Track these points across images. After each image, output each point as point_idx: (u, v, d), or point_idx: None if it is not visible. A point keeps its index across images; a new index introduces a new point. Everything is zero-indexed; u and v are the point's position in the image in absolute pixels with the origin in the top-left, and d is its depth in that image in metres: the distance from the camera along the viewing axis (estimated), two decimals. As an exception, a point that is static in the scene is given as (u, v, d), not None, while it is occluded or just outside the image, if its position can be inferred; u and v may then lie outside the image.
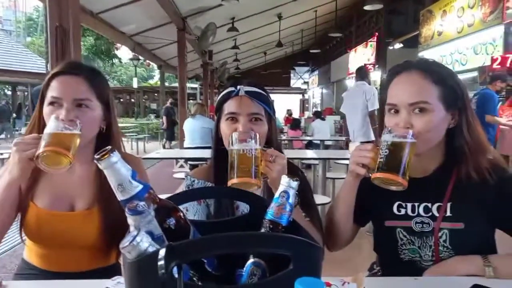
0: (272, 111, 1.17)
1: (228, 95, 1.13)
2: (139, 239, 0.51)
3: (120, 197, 0.60)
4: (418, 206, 1.07)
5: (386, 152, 0.91)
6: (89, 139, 1.13)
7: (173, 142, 11.17)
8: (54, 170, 0.94)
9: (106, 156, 0.58)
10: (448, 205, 1.04)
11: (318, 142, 7.69)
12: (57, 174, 1.00)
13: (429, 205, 1.06)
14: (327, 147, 7.95)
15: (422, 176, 1.08)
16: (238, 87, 1.12)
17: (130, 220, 0.57)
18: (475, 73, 6.31)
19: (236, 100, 1.11)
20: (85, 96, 1.08)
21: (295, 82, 22.09)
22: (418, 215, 1.07)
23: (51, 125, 0.96)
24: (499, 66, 5.44)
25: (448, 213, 1.04)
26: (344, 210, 1.09)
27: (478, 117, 1.08)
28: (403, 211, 1.09)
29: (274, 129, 1.18)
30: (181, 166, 7.04)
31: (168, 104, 12.49)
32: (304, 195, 1.08)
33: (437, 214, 1.05)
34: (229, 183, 0.91)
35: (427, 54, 7.56)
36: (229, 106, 1.12)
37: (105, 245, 1.13)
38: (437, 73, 1.00)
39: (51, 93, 1.07)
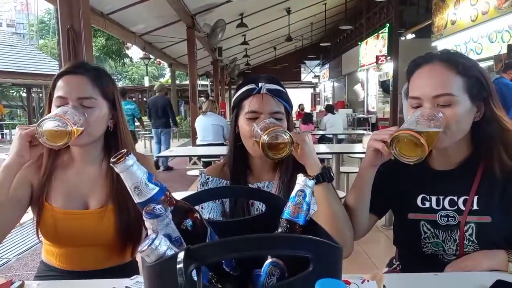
0: (290, 108, 1.17)
1: (249, 93, 1.12)
2: (158, 243, 0.50)
3: (136, 199, 0.60)
4: (443, 199, 1.05)
5: (411, 119, 0.89)
6: (96, 137, 1.14)
7: (185, 140, 11.07)
8: (51, 145, 0.97)
9: (122, 159, 0.58)
10: (475, 198, 1.02)
11: (331, 136, 7.64)
12: (56, 148, 1.00)
13: (455, 198, 1.04)
14: (340, 141, 7.89)
15: (447, 169, 1.06)
16: (260, 84, 1.11)
17: (148, 223, 0.57)
18: (490, 62, 6.16)
19: (257, 98, 1.10)
20: (90, 94, 1.10)
21: (305, 76, 21.96)
22: (443, 208, 1.05)
23: (57, 110, 1.02)
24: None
25: (475, 207, 1.01)
26: (360, 197, 1.06)
27: None
28: (427, 204, 1.06)
29: (292, 124, 1.18)
30: (194, 163, 7.09)
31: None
32: None
33: (463, 208, 1.02)
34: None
35: (440, 44, 7.42)
36: (250, 104, 1.11)
37: (120, 242, 1.15)
38: (461, 64, 0.97)
39: (57, 93, 1.09)
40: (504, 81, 4.45)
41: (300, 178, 0.69)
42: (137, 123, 7.77)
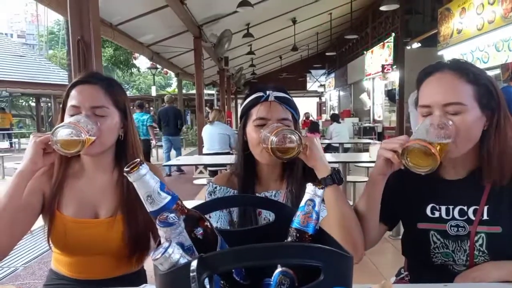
0: (298, 116, 1.18)
1: (257, 100, 1.14)
2: (171, 251, 0.51)
3: (149, 208, 0.61)
4: (453, 209, 1.04)
5: (422, 128, 0.89)
6: (108, 147, 1.16)
7: (191, 149, 11.11)
8: (65, 152, 0.99)
9: (135, 169, 0.60)
10: (485, 208, 1.01)
11: (337, 145, 7.62)
12: (69, 155, 1.02)
13: (465, 208, 1.03)
14: (346, 150, 7.86)
15: (457, 179, 1.05)
16: (268, 92, 1.13)
17: (161, 232, 0.58)
18: (497, 71, 6.13)
19: (265, 106, 1.12)
20: (102, 103, 1.11)
21: (311, 85, 21.98)
22: (453, 218, 1.04)
23: (71, 118, 1.04)
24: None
25: (485, 217, 1.01)
26: (370, 206, 1.05)
27: None
28: (437, 214, 1.06)
29: (299, 131, 1.19)
30: (201, 172, 7.11)
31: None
32: None
33: (473, 218, 1.01)
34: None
35: (446, 53, 7.40)
36: (258, 111, 1.12)
37: (130, 252, 1.15)
38: (471, 72, 0.97)
39: (70, 102, 1.11)
40: (510, 89, 4.42)
41: (310, 187, 0.69)
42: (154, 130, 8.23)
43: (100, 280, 1.14)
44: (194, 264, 0.47)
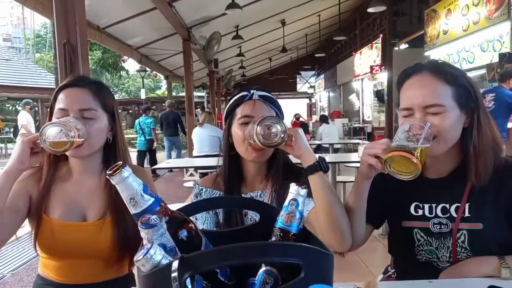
0: (281, 115, 1.20)
1: (241, 99, 1.16)
2: (153, 252, 0.52)
3: (132, 210, 0.61)
4: (436, 207, 1.06)
5: (401, 136, 0.90)
6: (96, 149, 1.15)
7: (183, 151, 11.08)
8: (53, 150, 0.99)
9: (118, 171, 0.60)
10: (467, 205, 1.03)
11: (327, 145, 7.66)
12: (57, 153, 1.02)
13: (447, 206, 1.05)
14: (336, 150, 7.91)
15: (439, 177, 1.07)
16: (252, 91, 1.16)
17: (143, 233, 0.59)
18: (483, 71, 6.24)
19: (249, 104, 1.14)
20: (90, 106, 1.11)
21: (301, 87, 22.08)
22: (436, 216, 1.06)
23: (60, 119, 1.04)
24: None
25: (467, 214, 1.03)
26: (356, 207, 1.06)
27: (498, 117, 1.06)
28: (420, 212, 1.08)
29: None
30: (191, 174, 7.09)
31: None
32: None
33: (455, 215, 1.04)
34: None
35: (433, 53, 7.51)
36: (243, 110, 1.14)
37: (118, 255, 1.14)
38: (449, 73, 0.99)
39: (58, 105, 1.11)
40: (506, 92, 4.38)
41: (293, 187, 0.70)
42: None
43: (88, 284, 1.14)
44: (175, 264, 0.47)
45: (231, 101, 1.20)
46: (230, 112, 1.19)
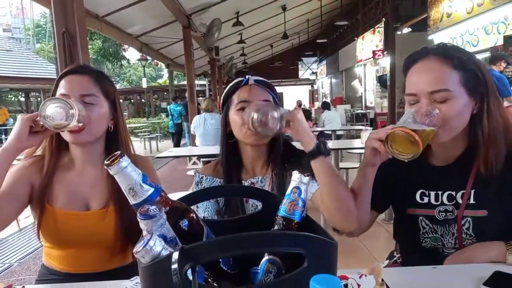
0: (278, 99, 1.20)
1: (237, 85, 1.17)
2: (152, 243, 0.51)
3: (132, 201, 0.61)
4: (442, 195, 1.05)
5: (406, 117, 0.89)
6: (97, 136, 1.15)
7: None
8: (55, 128, 0.99)
9: (115, 161, 0.59)
10: (472, 192, 1.01)
11: (330, 132, 7.64)
12: (57, 130, 1.03)
13: (453, 193, 1.04)
14: (338, 137, 7.88)
15: (445, 164, 1.06)
16: (247, 76, 1.17)
17: (142, 224, 0.58)
18: (487, 54, 6.16)
19: (245, 89, 1.15)
20: (91, 91, 1.12)
21: (303, 73, 21.93)
22: (442, 203, 1.05)
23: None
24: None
25: (472, 201, 1.01)
26: (361, 195, 1.05)
27: None
28: (426, 200, 1.07)
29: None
30: (194, 163, 7.09)
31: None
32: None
33: (461, 202, 1.02)
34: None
35: (436, 37, 7.40)
36: (239, 95, 1.15)
37: (122, 244, 1.15)
38: (456, 58, 0.96)
39: (60, 91, 1.11)
40: (495, 73, 4.42)
41: (295, 175, 0.69)
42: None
43: (92, 273, 1.14)
44: (175, 255, 0.46)
45: (227, 88, 1.21)
46: (226, 99, 1.20)
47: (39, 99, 18.32)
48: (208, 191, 0.90)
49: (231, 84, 1.20)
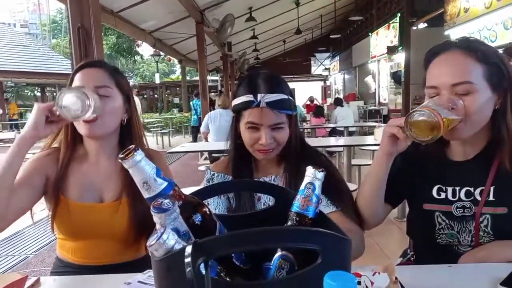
0: (294, 110, 1.12)
1: (247, 105, 1.06)
2: (166, 237, 0.51)
3: (145, 195, 0.61)
4: (460, 191, 1.03)
5: (427, 102, 0.87)
6: (111, 129, 1.16)
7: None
8: (72, 118, 1.01)
9: (130, 155, 0.59)
10: (491, 189, 0.99)
11: (342, 129, 7.58)
12: (72, 120, 1.05)
13: (472, 189, 1.01)
14: (351, 133, 7.82)
15: (464, 160, 1.04)
16: (258, 97, 1.04)
17: (156, 218, 0.58)
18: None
19: (256, 111, 1.05)
20: (106, 83, 1.13)
21: (316, 69, 21.76)
22: (459, 199, 1.03)
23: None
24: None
25: (491, 198, 0.99)
26: (376, 185, 1.03)
27: None
28: (443, 195, 1.05)
29: (295, 124, 1.13)
30: (206, 158, 7.12)
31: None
32: (330, 179, 0.99)
33: (479, 199, 1.00)
34: None
35: (453, 32, 7.25)
36: (250, 116, 1.06)
37: (135, 237, 1.15)
38: (480, 51, 0.94)
39: (75, 84, 1.13)
40: None
41: (310, 170, 0.68)
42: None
43: (106, 265, 1.15)
44: (188, 249, 0.46)
45: (238, 101, 1.10)
46: (237, 110, 1.11)
47: (54, 93, 18.61)
48: (221, 185, 0.90)
49: (242, 101, 1.07)
